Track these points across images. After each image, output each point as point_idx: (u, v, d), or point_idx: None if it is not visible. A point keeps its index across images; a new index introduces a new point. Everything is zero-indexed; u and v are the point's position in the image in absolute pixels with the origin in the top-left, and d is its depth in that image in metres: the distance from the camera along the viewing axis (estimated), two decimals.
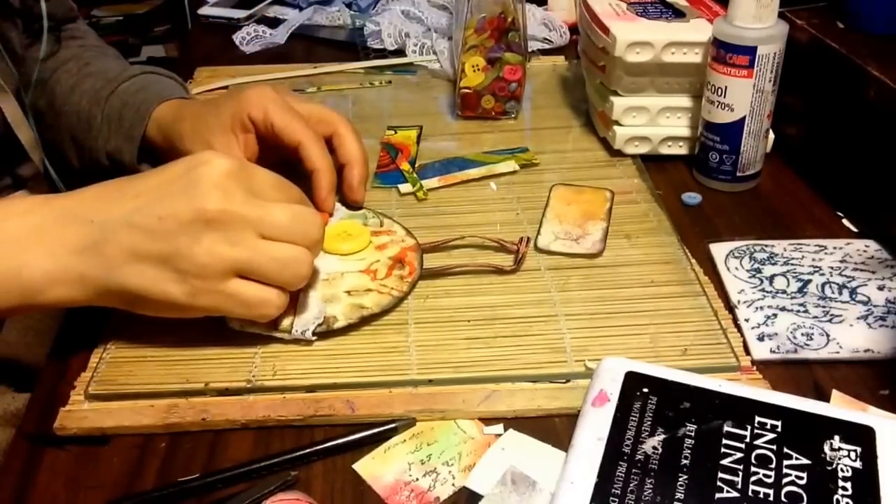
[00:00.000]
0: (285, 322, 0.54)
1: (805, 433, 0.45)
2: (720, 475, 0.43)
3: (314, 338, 0.54)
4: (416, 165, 0.75)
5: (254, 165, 0.53)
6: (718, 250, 0.63)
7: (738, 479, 0.43)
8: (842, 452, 0.44)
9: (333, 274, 0.58)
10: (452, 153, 0.77)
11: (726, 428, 0.45)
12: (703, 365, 0.52)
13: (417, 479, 0.46)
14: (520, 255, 0.61)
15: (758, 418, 0.46)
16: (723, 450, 0.44)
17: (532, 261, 0.62)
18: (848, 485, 0.42)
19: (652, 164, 0.75)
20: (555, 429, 0.49)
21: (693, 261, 0.62)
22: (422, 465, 0.47)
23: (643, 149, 0.75)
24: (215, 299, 0.49)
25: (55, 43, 0.76)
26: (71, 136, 0.72)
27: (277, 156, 0.63)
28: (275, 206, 0.50)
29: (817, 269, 0.60)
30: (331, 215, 0.63)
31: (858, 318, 0.56)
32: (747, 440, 0.45)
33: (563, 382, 0.51)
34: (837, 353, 0.53)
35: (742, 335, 0.55)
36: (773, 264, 0.61)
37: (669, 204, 0.69)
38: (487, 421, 0.50)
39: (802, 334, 0.55)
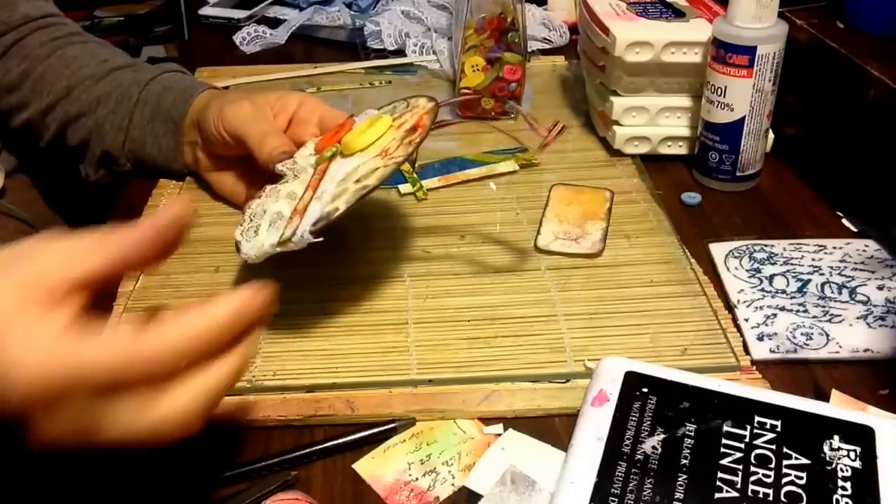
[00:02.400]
0: (286, 234, 0.51)
1: (804, 433, 0.45)
2: (720, 475, 0.43)
3: (315, 238, 0.50)
4: (416, 165, 0.75)
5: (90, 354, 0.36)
6: (718, 250, 0.63)
7: (738, 479, 0.43)
8: (841, 452, 0.44)
9: (350, 173, 0.53)
10: (452, 153, 0.77)
11: (726, 428, 0.45)
12: (702, 365, 0.52)
13: (417, 479, 0.46)
14: (548, 138, 0.57)
15: (757, 418, 0.46)
16: (722, 450, 0.44)
17: (532, 261, 0.62)
18: (847, 485, 0.42)
19: (652, 163, 0.75)
20: (554, 429, 0.49)
21: (693, 260, 0.62)
22: (421, 465, 0.47)
23: (643, 149, 0.75)
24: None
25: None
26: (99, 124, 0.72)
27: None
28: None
29: (817, 268, 0.60)
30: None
31: (858, 318, 0.56)
32: (747, 440, 0.45)
33: (563, 382, 0.52)
34: (837, 352, 0.53)
35: (742, 335, 0.55)
36: (773, 264, 0.61)
37: (669, 204, 0.69)
38: (487, 421, 0.50)
39: (802, 334, 0.55)
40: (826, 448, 0.44)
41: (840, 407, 0.48)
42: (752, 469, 0.43)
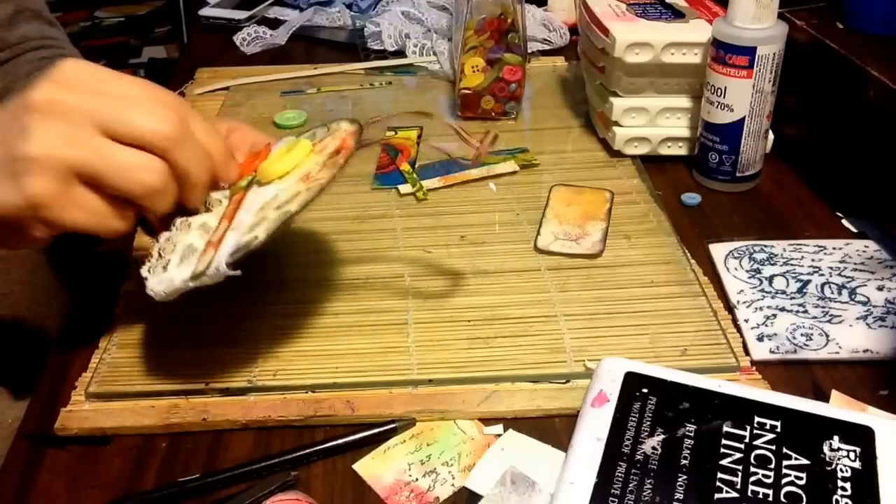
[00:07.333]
0: (199, 268, 0.47)
1: (804, 433, 0.45)
2: (719, 475, 0.43)
3: (232, 272, 0.46)
4: (416, 166, 0.75)
5: (121, 75, 0.46)
6: (718, 251, 0.63)
7: (738, 480, 0.43)
8: (841, 453, 0.44)
9: (268, 201, 0.49)
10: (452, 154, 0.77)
11: (725, 428, 0.45)
12: (702, 365, 0.52)
13: (417, 480, 0.46)
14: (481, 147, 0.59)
15: (757, 418, 0.46)
16: (722, 450, 0.44)
17: (532, 261, 0.62)
18: (847, 485, 0.42)
19: (651, 164, 0.75)
20: (554, 429, 0.49)
21: (693, 261, 0.62)
22: (421, 466, 0.47)
23: (643, 149, 0.75)
24: (56, 206, 0.43)
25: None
26: None
27: None
28: (125, 100, 0.44)
29: (817, 269, 0.61)
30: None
31: (858, 319, 0.56)
32: (746, 440, 0.45)
33: (563, 383, 0.52)
34: (837, 353, 0.53)
35: (741, 335, 0.55)
36: (773, 265, 0.61)
37: (669, 204, 0.69)
38: (487, 421, 0.50)
39: (802, 334, 0.55)
40: (826, 448, 0.44)
41: (840, 407, 0.48)
42: (752, 469, 0.43)
